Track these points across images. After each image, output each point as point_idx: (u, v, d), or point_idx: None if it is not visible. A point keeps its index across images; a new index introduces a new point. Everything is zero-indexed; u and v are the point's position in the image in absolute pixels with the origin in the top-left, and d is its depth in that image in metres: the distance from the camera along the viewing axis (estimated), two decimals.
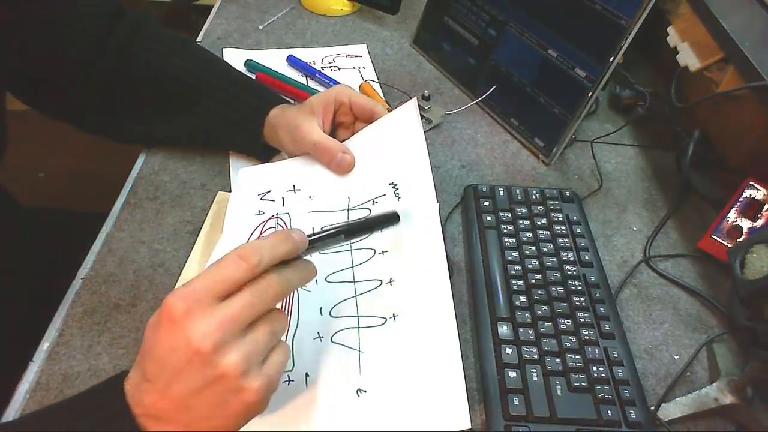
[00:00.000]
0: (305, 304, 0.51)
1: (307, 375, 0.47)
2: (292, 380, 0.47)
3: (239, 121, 0.62)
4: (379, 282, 0.51)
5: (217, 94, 0.62)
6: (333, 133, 0.60)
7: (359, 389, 0.46)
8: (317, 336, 0.49)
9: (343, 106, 0.59)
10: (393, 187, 0.55)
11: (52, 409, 0.40)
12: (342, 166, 0.56)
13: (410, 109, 0.57)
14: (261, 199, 0.58)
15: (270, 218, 0.56)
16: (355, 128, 0.60)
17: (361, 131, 0.59)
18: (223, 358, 0.35)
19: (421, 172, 0.55)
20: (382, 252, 0.52)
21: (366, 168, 0.58)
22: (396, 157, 0.56)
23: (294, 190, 0.58)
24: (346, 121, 0.60)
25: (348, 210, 0.56)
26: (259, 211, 0.57)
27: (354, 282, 0.52)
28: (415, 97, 0.59)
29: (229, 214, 0.57)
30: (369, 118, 0.59)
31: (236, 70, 0.66)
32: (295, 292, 0.52)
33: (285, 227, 0.56)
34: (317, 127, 0.57)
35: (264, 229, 0.56)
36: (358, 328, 0.49)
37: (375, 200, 0.55)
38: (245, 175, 0.60)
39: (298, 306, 0.51)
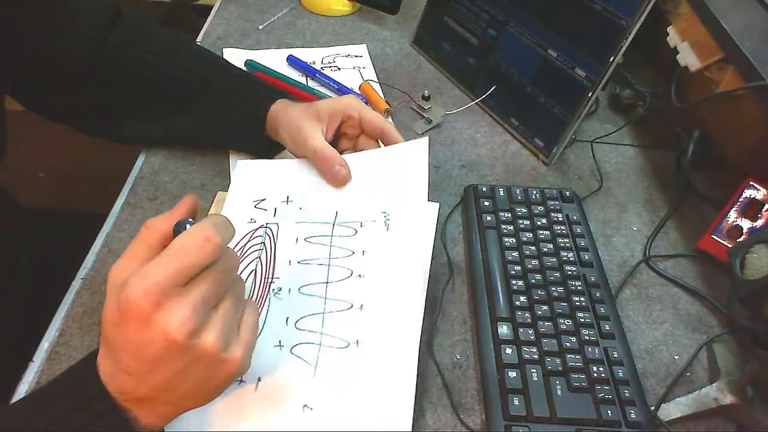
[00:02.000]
0: (273, 310, 0.51)
1: (258, 380, 0.47)
2: (243, 381, 0.47)
3: (240, 119, 0.62)
4: (350, 305, 0.51)
5: (217, 92, 0.62)
6: (335, 142, 0.60)
7: (305, 405, 0.46)
8: (278, 344, 0.49)
9: (351, 120, 0.59)
10: (384, 216, 0.56)
11: (30, 398, 0.40)
12: (337, 179, 0.56)
13: (421, 146, 0.58)
14: (255, 206, 0.59)
15: (260, 227, 0.57)
16: (358, 142, 0.60)
17: (369, 152, 0.60)
18: (202, 340, 0.35)
19: (419, 208, 0.56)
20: (359, 275, 0.53)
21: (362, 188, 0.58)
22: (396, 188, 0.57)
23: (287, 201, 0.59)
24: (350, 133, 0.60)
25: (333, 224, 0.57)
26: (252, 219, 0.58)
27: (325, 299, 0.52)
28: (428, 137, 0.59)
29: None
30: (377, 135, 0.59)
31: (236, 67, 0.66)
32: (267, 298, 0.52)
33: (272, 237, 0.56)
34: (320, 133, 0.57)
35: (252, 237, 0.56)
36: (320, 345, 0.49)
37: (363, 223, 0.56)
38: (243, 169, 0.60)
39: (267, 311, 0.51)
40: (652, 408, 0.51)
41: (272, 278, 0.53)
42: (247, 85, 0.63)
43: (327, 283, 0.53)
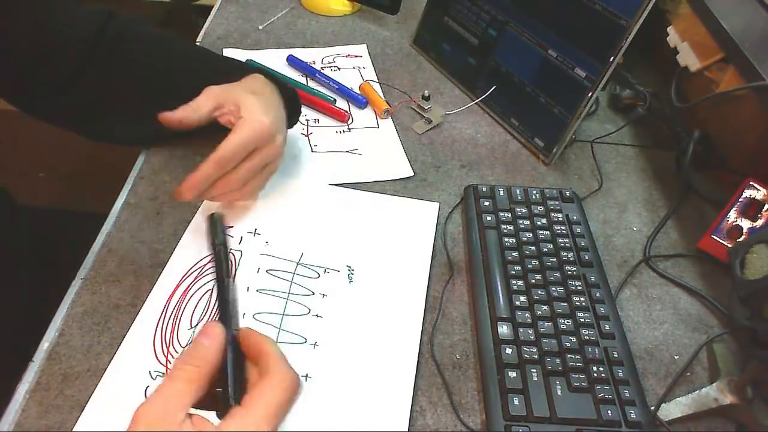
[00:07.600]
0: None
1: None
2: None
3: None
4: (304, 340, 0.52)
5: (198, 83, 0.62)
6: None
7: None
8: None
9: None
10: (348, 269, 0.58)
11: None
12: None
13: (432, 209, 0.63)
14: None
15: None
16: None
17: (381, 196, 0.63)
18: None
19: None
20: (317, 315, 0.54)
21: (336, 235, 0.60)
22: (401, 240, 0.60)
23: (254, 233, 0.60)
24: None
25: (297, 263, 0.58)
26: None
27: (279, 329, 0.53)
28: (438, 204, 0.64)
29: (188, 234, 0.59)
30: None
31: (219, 56, 0.66)
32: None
33: (233, 263, 0.57)
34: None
35: (213, 258, 0.57)
36: None
37: (327, 269, 0.58)
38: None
39: None
40: (652, 408, 0.51)
41: None
42: (221, 70, 0.63)
43: (283, 315, 0.54)
